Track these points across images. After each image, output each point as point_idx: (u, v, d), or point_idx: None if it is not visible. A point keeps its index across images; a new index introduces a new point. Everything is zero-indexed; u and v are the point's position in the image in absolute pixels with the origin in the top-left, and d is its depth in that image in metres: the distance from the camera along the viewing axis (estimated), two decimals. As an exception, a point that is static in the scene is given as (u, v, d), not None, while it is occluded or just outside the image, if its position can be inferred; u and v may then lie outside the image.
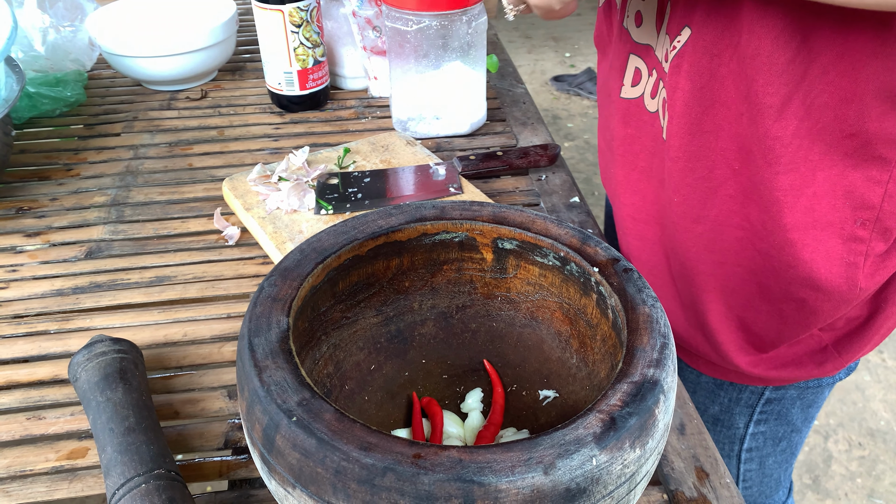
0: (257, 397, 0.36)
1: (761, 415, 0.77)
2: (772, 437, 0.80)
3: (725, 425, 0.80)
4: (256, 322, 0.40)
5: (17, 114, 0.90)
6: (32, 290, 0.67)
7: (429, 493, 0.32)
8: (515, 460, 0.33)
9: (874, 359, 1.90)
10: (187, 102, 1.00)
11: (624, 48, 0.68)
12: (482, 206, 0.50)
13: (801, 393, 0.75)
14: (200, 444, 0.53)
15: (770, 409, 0.77)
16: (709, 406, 0.80)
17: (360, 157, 0.83)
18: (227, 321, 0.63)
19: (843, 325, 0.67)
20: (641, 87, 0.67)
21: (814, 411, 0.79)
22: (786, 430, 0.80)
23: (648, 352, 0.39)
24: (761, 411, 0.77)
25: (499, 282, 0.51)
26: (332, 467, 0.33)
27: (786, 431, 0.80)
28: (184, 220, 0.76)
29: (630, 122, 0.69)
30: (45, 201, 0.79)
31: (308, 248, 0.45)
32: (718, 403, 0.78)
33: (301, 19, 0.88)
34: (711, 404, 0.79)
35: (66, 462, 0.51)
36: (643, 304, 0.41)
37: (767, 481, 0.86)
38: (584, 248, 0.46)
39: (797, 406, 0.77)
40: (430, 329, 0.53)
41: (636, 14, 0.65)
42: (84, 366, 0.51)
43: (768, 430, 0.79)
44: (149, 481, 0.44)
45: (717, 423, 0.81)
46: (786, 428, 0.80)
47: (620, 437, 0.34)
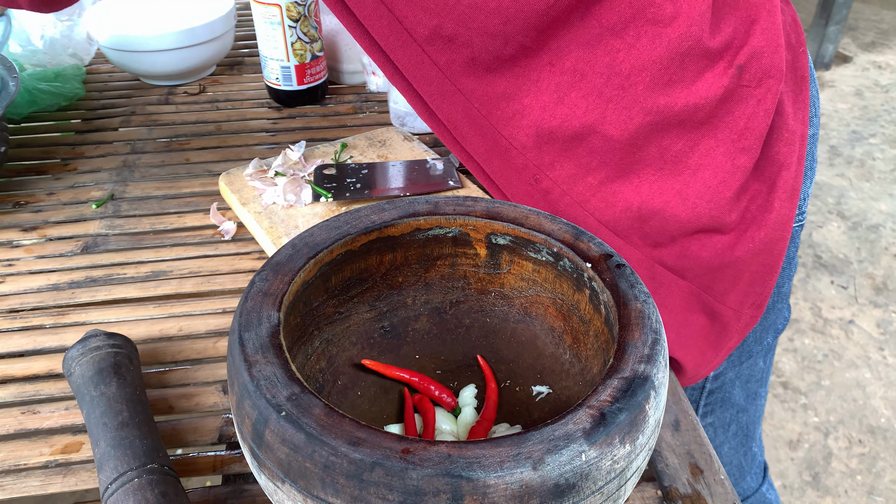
0: (247, 392, 0.36)
1: (706, 407, 0.77)
2: (721, 426, 0.80)
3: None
4: (247, 317, 0.40)
5: (16, 109, 0.90)
6: (28, 284, 0.67)
7: (417, 488, 0.32)
8: (504, 455, 0.33)
9: (875, 356, 1.90)
10: (185, 97, 0.99)
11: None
12: (476, 202, 0.49)
13: (737, 371, 0.75)
14: (195, 439, 0.53)
15: (713, 400, 0.77)
16: None
17: (358, 152, 0.83)
18: (222, 316, 0.63)
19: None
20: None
21: (754, 386, 0.78)
22: (731, 412, 0.79)
23: (640, 347, 0.38)
24: (706, 403, 0.77)
25: (492, 277, 0.51)
26: (320, 462, 0.33)
27: (732, 414, 0.79)
28: (180, 215, 0.76)
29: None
30: (41, 196, 0.79)
31: (300, 243, 0.45)
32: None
33: (299, 14, 0.87)
34: None
35: (60, 456, 0.51)
36: (635, 299, 0.41)
37: (729, 469, 0.86)
38: (577, 243, 0.46)
39: (737, 386, 0.76)
40: (424, 324, 0.53)
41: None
42: (78, 360, 0.52)
43: (715, 419, 0.79)
44: (142, 476, 0.44)
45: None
46: (731, 411, 0.79)
47: (610, 432, 0.34)
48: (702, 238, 0.60)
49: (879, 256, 2.24)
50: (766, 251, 0.62)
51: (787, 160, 0.59)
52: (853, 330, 1.98)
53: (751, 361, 0.75)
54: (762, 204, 0.60)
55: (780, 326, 0.75)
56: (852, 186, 2.55)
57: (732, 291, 0.64)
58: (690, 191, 0.57)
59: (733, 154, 0.57)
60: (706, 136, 0.56)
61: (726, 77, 0.55)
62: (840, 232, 2.35)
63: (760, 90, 0.56)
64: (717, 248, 0.60)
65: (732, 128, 0.56)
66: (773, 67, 0.56)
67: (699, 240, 0.60)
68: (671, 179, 0.57)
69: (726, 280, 0.63)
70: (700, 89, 0.54)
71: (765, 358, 0.77)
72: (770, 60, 0.56)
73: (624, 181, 0.57)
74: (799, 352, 1.92)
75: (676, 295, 0.63)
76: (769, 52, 0.56)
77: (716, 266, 0.61)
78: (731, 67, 0.55)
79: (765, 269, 0.63)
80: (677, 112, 0.55)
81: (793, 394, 1.81)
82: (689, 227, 0.59)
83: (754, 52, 0.55)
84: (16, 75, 0.79)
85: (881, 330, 1.98)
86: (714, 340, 0.67)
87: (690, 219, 0.58)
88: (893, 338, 1.95)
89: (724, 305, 0.64)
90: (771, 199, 0.60)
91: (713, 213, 0.58)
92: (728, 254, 0.60)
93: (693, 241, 0.60)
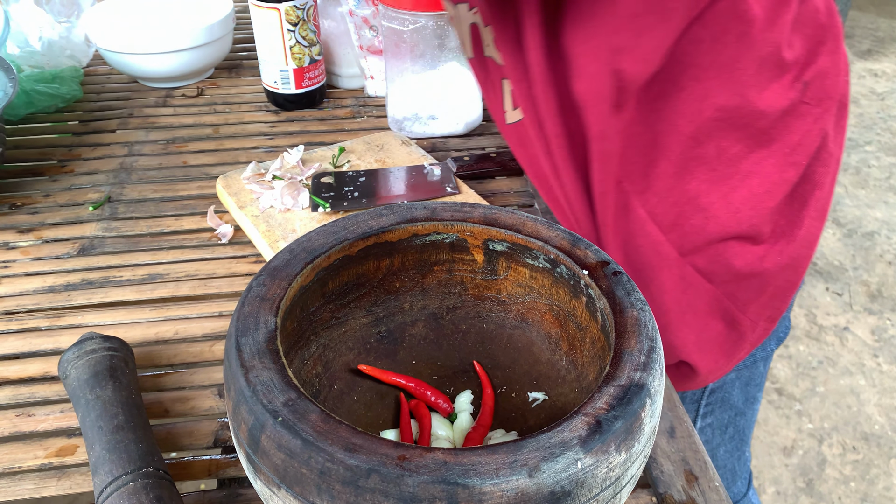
0: (243, 397, 0.36)
1: (707, 407, 0.78)
2: (719, 427, 0.81)
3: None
4: (244, 321, 0.40)
5: (14, 111, 0.90)
6: (24, 286, 0.67)
7: (413, 495, 0.32)
8: (500, 462, 0.33)
9: (869, 363, 1.91)
10: (183, 100, 0.99)
11: (496, 76, 0.67)
12: (473, 208, 0.50)
13: (738, 373, 0.76)
14: (190, 443, 0.53)
15: (714, 399, 0.77)
16: None
17: (355, 157, 0.83)
18: (218, 319, 0.63)
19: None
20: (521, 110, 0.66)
21: (752, 390, 0.79)
22: (730, 414, 0.80)
23: (636, 355, 0.39)
24: (706, 403, 0.77)
25: (489, 283, 0.51)
26: (316, 468, 0.33)
27: (730, 416, 0.80)
28: (177, 218, 0.76)
29: (524, 142, 0.68)
30: (38, 197, 0.79)
31: (298, 248, 0.45)
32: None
33: (297, 18, 0.88)
34: None
35: (54, 459, 0.51)
36: (631, 307, 0.42)
37: (723, 473, 0.86)
38: (575, 250, 0.46)
39: (737, 387, 0.77)
40: (421, 330, 0.53)
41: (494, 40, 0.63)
42: (74, 363, 0.51)
43: (714, 420, 0.80)
44: (136, 479, 0.44)
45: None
46: (730, 413, 0.80)
47: (606, 440, 0.34)
48: (735, 246, 0.61)
49: (874, 263, 2.25)
50: (792, 266, 0.63)
51: (822, 180, 0.61)
52: (848, 337, 1.98)
53: (752, 365, 0.76)
54: (794, 219, 0.62)
55: (782, 335, 0.76)
56: (848, 194, 2.56)
57: (754, 303, 0.65)
58: (736, 195, 0.59)
59: (783, 167, 0.58)
60: (762, 145, 0.58)
61: (793, 91, 0.56)
62: (835, 239, 2.36)
63: (819, 109, 0.58)
64: (748, 257, 0.62)
65: (787, 141, 0.58)
66: (833, 89, 0.58)
67: (733, 247, 0.61)
68: (721, 181, 0.59)
69: (751, 290, 0.64)
70: (768, 97, 0.56)
71: (765, 363, 0.77)
72: (832, 82, 0.58)
73: (681, 175, 0.59)
74: (794, 358, 1.92)
75: (702, 298, 0.64)
76: (832, 74, 0.58)
77: (744, 275, 0.62)
78: (798, 82, 0.56)
79: (787, 284, 0.65)
80: (743, 115, 0.56)
81: (787, 400, 1.81)
82: (727, 231, 0.60)
83: (820, 71, 0.57)
84: (13, 76, 0.79)
85: (875, 337, 1.99)
86: (728, 348, 0.68)
87: (730, 223, 0.60)
88: (888, 345, 1.96)
89: (744, 315, 0.66)
90: (802, 215, 0.61)
91: (753, 220, 0.60)
92: (757, 264, 0.62)
93: (727, 248, 0.61)
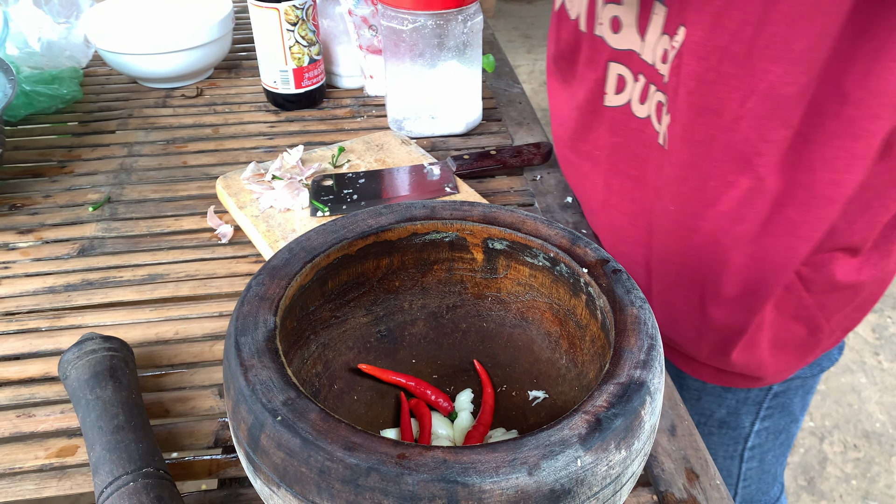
0: (242, 396, 0.36)
1: (767, 410, 0.77)
2: (773, 431, 0.81)
3: (731, 426, 0.80)
4: (243, 321, 0.40)
5: (14, 111, 0.90)
6: (24, 287, 0.67)
7: (412, 494, 0.32)
8: (500, 461, 0.33)
9: (870, 361, 1.90)
10: (183, 100, 0.99)
11: (599, 57, 0.67)
12: (472, 206, 0.50)
13: (803, 381, 0.75)
14: (190, 443, 0.53)
15: (776, 403, 0.77)
16: (715, 410, 0.79)
17: (355, 156, 0.83)
18: (218, 320, 0.63)
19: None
20: (627, 93, 0.65)
21: (809, 398, 0.80)
22: (786, 421, 0.80)
23: (635, 353, 0.39)
24: (768, 407, 0.77)
25: (489, 282, 0.51)
26: (316, 467, 0.33)
27: (786, 423, 0.80)
28: (177, 218, 0.76)
29: (617, 130, 0.68)
30: (38, 198, 0.79)
31: (297, 247, 0.45)
32: (725, 406, 0.78)
33: (297, 17, 0.87)
34: (718, 408, 0.79)
35: (55, 460, 0.51)
36: (631, 305, 0.41)
37: (765, 477, 0.86)
38: (574, 248, 0.46)
39: (799, 394, 0.77)
40: (421, 329, 0.53)
41: (612, 20, 0.64)
42: (74, 363, 0.51)
43: (771, 424, 0.79)
44: (137, 479, 0.44)
45: (723, 426, 0.80)
46: (787, 419, 0.80)
47: (606, 438, 0.34)
48: (840, 257, 0.62)
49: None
50: (881, 279, 0.65)
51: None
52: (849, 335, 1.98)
53: (817, 374, 0.76)
54: (889, 235, 0.62)
55: (837, 356, 0.76)
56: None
57: (839, 313, 0.66)
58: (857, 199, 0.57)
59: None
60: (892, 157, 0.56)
61: None
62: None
63: None
64: (847, 268, 0.62)
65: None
66: None
67: (838, 258, 0.62)
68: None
69: (841, 301, 0.65)
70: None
71: (817, 378, 0.78)
72: None
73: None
74: (795, 356, 1.92)
75: (792, 303, 0.65)
76: None
77: (840, 286, 0.63)
78: None
79: (871, 296, 0.66)
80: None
81: (789, 398, 1.81)
82: (840, 242, 0.60)
83: None
84: (13, 77, 0.79)
85: (876, 335, 1.99)
86: (803, 352, 0.69)
87: (845, 234, 0.60)
88: (888, 343, 1.96)
89: (828, 323, 0.66)
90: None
91: (865, 233, 0.60)
92: (854, 276, 0.63)
93: (833, 258, 0.62)
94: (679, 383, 0.80)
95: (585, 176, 0.74)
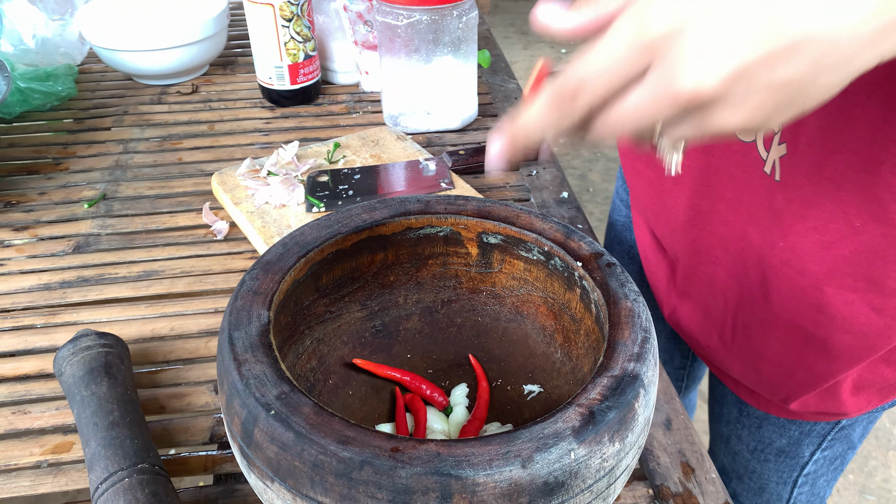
0: (236, 391, 0.36)
1: (830, 441, 0.74)
2: (830, 459, 0.77)
3: (790, 455, 0.76)
4: (237, 315, 0.40)
5: (8, 109, 0.90)
6: (19, 284, 0.66)
7: (406, 487, 0.32)
8: (493, 454, 0.33)
9: (867, 355, 1.90)
10: (178, 97, 0.99)
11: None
12: (467, 201, 0.50)
13: (871, 415, 0.71)
14: (186, 439, 0.53)
15: (839, 435, 0.73)
16: (775, 440, 0.75)
17: (350, 152, 0.83)
18: (214, 316, 0.63)
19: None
20: None
21: (871, 426, 0.75)
22: (845, 448, 0.76)
23: (629, 346, 0.39)
24: (831, 438, 0.73)
25: (484, 276, 0.51)
26: (309, 461, 0.33)
27: (844, 450, 0.76)
28: (172, 215, 0.76)
29: (713, 150, 0.61)
30: (33, 195, 0.79)
31: (291, 242, 0.45)
32: (787, 437, 0.74)
33: (292, 14, 0.87)
34: (779, 438, 0.75)
35: (50, 456, 0.51)
36: (625, 298, 0.41)
37: (814, 500, 0.83)
38: (568, 242, 0.46)
39: (863, 424, 0.73)
40: (415, 324, 0.53)
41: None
42: (69, 360, 0.51)
43: (830, 453, 0.76)
44: (132, 475, 0.44)
45: (781, 455, 0.76)
46: (846, 446, 0.76)
47: (599, 430, 0.34)
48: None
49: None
50: None
51: None
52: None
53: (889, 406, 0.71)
54: None
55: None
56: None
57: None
58: None
59: None
60: None
61: None
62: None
63: None
64: None
65: None
66: None
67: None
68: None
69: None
70: None
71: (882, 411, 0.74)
72: None
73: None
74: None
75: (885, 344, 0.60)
76: None
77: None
78: None
79: None
80: None
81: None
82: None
83: None
84: (7, 74, 0.78)
85: (874, 329, 1.99)
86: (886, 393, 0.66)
87: None
88: (886, 337, 1.96)
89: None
90: None
91: None
92: None
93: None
94: (738, 409, 0.76)
95: (665, 191, 0.69)
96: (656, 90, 0.31)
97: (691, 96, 0.30)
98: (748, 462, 0.80)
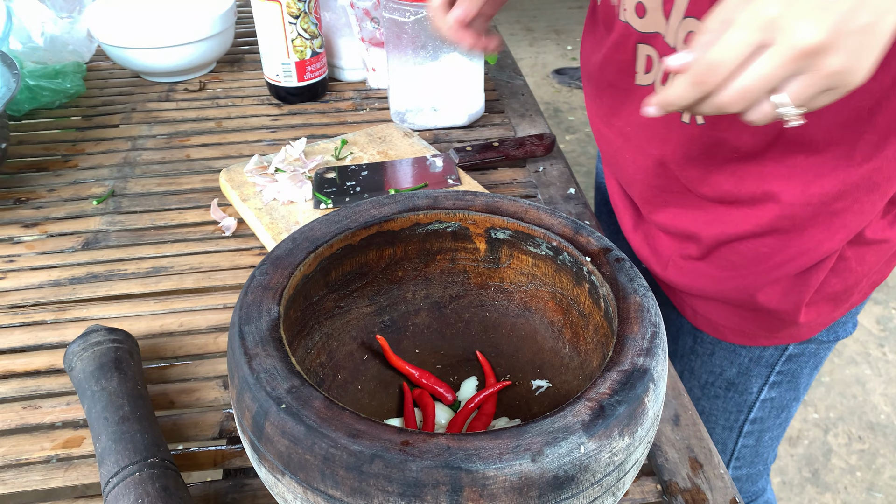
0: (247, 385, 0.36)
1: (777, 376, 0.78)
2: (777, 407, 0.81)
3: (738, 390, 0.80)
4: (247, 310, 0.40)
5: (17, 106, 0.91)
6: (29, 280, 0.67)
7: (416, 480, 0.32)
8: (503, 447, 0.33)
9: (875, 352, 1.90)
10: (186, 94, 1.00)
11: (628, 39, 0.68)
12: (475, 196, 0.50)
13: (817, 348, 0.76)
14: (195, 434, 0.53)
15: (787, 369, 0.78)
16: (726, 368, 0.80)
17: (358, 149, 0.83)
18: (223, 311, 0.64)
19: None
20: (653, 74, 0.66)
21: (815, 374, 0.80)
22: (790, 397, 0.81)
23: (639, 341, 0.39)
24: (779, 371, 0.78)
25: (492, 272, 0.51)
26: (320, 454, 0.33)
27: (789, 400, 0.81)
28: (181, 211, 0.76)
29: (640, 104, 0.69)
30: (42, 192, 0.79)
31: (300, 237, 0.45)
32: (737, 364, 0.78)
33: (299, 10, 0.87)
34: (730, 366, 0.79)
35: (61, 451, 0.52)
36: (634, 293, 0.41)
37: (757, 461, 0.87)
38: (577, 237, 0.46)
39: (809, 365, 0.78)
40: (424, 319, 0.53)
41: (636, 6, 0.64)
42: (79, 355, 0.52)
43: (777, 396, 0.80)
44: (143, 470, 0.44)
45: (730, 388, 0.81)
46: (791, 395, 0.80)
47: (609, 424, 0.34)
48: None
49: (880, 253, 2.23)
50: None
51: None
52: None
53: (825, 347, 0.77)
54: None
55: (851, 329, 0.77)
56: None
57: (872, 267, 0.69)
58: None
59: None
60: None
61: None
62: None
63: None
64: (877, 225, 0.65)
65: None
66: None
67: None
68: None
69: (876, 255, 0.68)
70: None
71: (826, 352, 0.79)
72: None
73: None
74: (799, 348, 1.92)
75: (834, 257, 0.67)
76: None
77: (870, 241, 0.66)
78: None
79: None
80: None
81: (793, 390, 1.80)
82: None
83: None
84: (16, 72, 0.79)
85: (881, 327, 1.98)
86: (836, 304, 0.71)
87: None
88: (893, 334, 1.95)
89: (860, 267, 0.68)
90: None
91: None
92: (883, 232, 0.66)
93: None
94: (693, 337, 0.80)
95: (618, 150, 0.75)
96: (781, 52, 0.39)
97: (811, 49, 0.39)
98: (698, 400, 0.84)
